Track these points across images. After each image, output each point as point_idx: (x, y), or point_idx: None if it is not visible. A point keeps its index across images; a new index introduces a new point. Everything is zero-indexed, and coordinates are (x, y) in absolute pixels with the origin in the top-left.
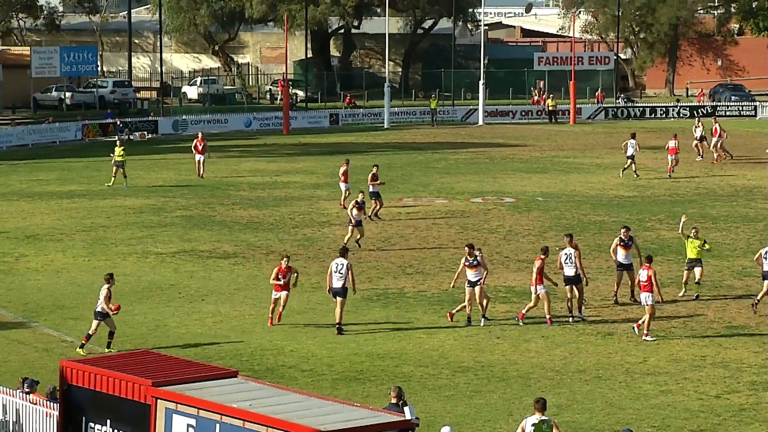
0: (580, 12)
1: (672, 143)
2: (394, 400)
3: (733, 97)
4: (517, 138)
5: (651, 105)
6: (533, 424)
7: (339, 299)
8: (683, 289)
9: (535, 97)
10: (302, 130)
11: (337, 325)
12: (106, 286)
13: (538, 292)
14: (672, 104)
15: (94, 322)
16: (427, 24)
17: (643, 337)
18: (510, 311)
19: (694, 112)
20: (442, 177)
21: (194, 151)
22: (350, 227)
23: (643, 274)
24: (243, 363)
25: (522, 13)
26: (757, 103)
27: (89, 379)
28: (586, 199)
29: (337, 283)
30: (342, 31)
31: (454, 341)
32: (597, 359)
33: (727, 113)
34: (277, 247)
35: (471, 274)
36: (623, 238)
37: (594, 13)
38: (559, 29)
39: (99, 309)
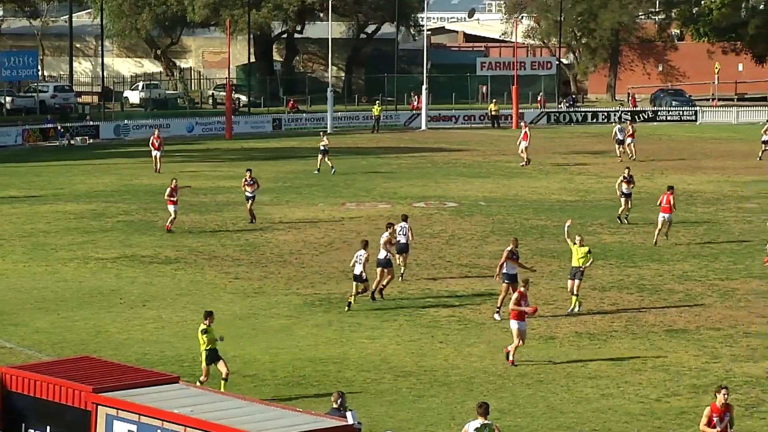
0: (522, 17)
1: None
2: (336, 405)
3: (674, 102)
4: (459, 143)
5: (593, 110)
6: (476, 429)
7: (402, 255)
8: (572, 304)
9: (415, 103)
10: (245, 135)
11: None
12: (364, 252)
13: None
14: (614, 109)
15: (354, 284)
16: (370, 29)
17: None
18: (452, 316)
19: (635, 117)
20: (385, 182)
21: (151, 147)
22: (623, 199)
23: None
24: (185, 369)
25: (465, 18)
26: (698, 108)
27: (29, 386)
28: (528, 203)
29: (402, 239)
30: (285, 35)
31: (396, 346)
32: (539, 363)
33: (668, 118)
34: (220, 252)
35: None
36: None
37: (536, 18)
38: (502, 34)
39: (357, 273)
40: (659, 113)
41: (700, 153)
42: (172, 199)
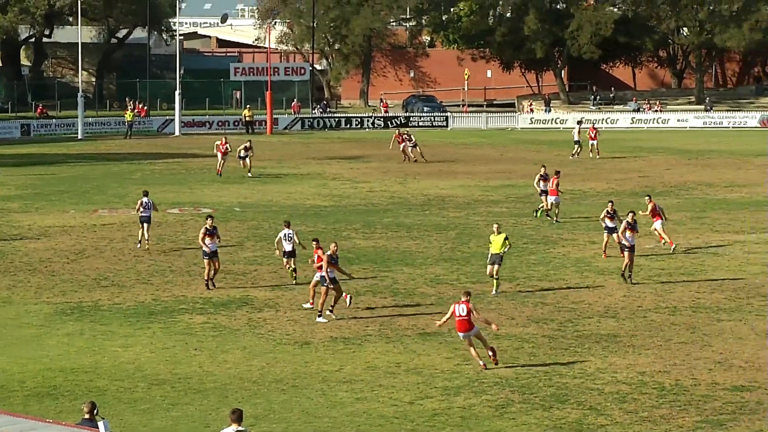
0: (275, 23)
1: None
2: (87, 416)
3: (425, 108)
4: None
5: (346, 115)
6: None
7: (143, 225)
8: (494, 286)
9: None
10: None
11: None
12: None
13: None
14: (367, 115)
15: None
16: (122, 33)
17: None
18: (207, 322)
19: (389, 123)
20: (138, 188)
21: None
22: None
23: None
24: None
25: (218, 24)
26: (449, 114)
27: None
28: (283, 208)
29: (145, 214)
30: (33, 40)
31: (150, 354)
32: (294, 368)
33: (420, 124)
34: None
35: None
36: (630, 222)
37: (289, 24)
38: (255, 40)
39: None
40: (411, 119)
41: (453, 158)
42: None
